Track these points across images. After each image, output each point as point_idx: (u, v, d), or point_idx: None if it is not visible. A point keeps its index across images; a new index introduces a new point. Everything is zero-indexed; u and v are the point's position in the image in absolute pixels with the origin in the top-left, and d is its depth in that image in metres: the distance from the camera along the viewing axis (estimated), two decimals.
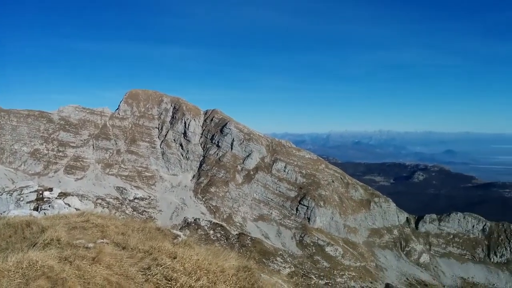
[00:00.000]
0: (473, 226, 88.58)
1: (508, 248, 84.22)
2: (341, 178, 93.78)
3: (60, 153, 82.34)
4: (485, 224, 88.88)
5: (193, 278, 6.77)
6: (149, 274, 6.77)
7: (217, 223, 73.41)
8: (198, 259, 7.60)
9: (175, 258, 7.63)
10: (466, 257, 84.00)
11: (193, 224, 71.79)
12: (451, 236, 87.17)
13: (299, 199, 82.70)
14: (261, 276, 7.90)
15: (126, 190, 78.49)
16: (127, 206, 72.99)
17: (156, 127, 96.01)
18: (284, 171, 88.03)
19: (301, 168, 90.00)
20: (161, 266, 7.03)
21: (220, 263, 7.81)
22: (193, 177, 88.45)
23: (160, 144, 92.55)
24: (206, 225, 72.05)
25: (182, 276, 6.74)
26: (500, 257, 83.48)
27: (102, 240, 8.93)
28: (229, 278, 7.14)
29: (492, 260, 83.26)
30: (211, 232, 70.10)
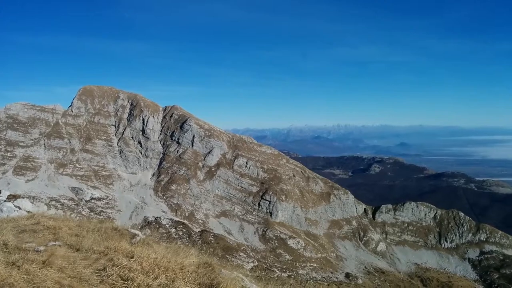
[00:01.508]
0: (425, 215, 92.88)
1: (457, 234, 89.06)
2: (302, 172, 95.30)
3: (8, 153, 78.06)
4: (436, 212, 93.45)
5: (151, 277, 6.63)
6: (104, 275, 6.56)
7: (179, 221, 72.54)
8: (157, 258, 7.46)
9: (132, 257, 7.45)
10: (419, 244, 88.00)
11: (154, 223, 70.55)
12: (406, 225, 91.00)
13: (261, 194, 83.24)
14: (221, 271, 7.85)
15: (82, 190, 75.78)
16: (84, 207, 70.55)
17: (112, 125, 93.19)
18: (246, 166, 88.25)
19: (263, 163, 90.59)
20: (117, 266, 6.83)
21: (180, 261, 7.71)
22: (153, 175, 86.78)
23: (117, 142, 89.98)
24: (168, 224, 71.03)
25: (139, 276, 6.58)
26: (450, 242, 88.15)
27: (54, 243, 8.56)
28: (188, 275, 7.05)
29: (443, 246, 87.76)
30: (173, 230, 69.19)
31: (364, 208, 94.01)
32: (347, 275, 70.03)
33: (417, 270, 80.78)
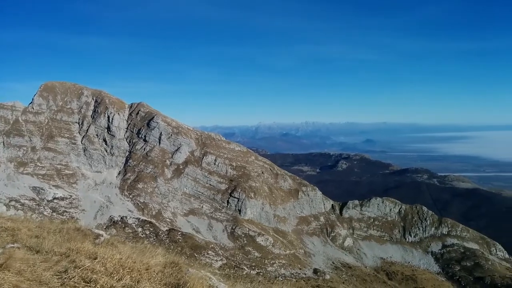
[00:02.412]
0: (390, 210, 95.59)
1: (421, 228, 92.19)
2: (271, 169, 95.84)
3: None
4: (400, 207, 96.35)
5: (115, 278, 6.46)
6: (65, 278, 6.33)
7: (145, 220, 71.30)
8: (121, 258, 7.28)
9: (95, 258, 7.24)
10: (385, 238, 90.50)
11: (120, 223, 69.03)
12: (372, 220, 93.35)
13: (229, 191, 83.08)
14: (188, 270, 7.76)
15: (43, 190, 73.07)
16: (46, 207, 68.06)
17: (76, 122, 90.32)
18: (215, 164, 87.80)
19: (231, 161, 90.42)
20: (80, 268, 6.61)
21: (146, 261, 7.57)
22: (119, 173, 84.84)
23: (81, 140, 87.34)
24: (134, 223, 69.67)
25: (102, 277, 6.39)
26: (414, 236, 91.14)
27: (12, 245, 8.20)
28: (154, 275, 6.92)
29: (407, 240, 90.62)
30: (140, 229, 67.94)
31: (332, 204, 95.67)
32: (315, 271, 71.09)
33: (383, 264, 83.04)
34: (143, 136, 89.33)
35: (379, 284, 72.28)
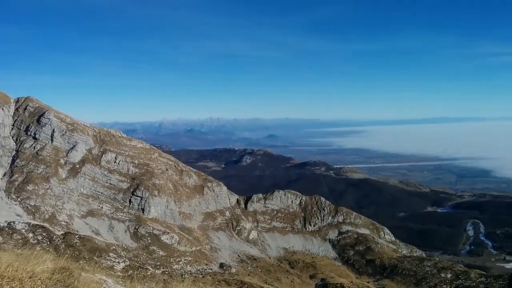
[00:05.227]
0: (292, 202, 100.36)
1: (319, 218, 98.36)
2: (175, 166, 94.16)
3: None
4: (301, 199, 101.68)
5: None
6: None
7: (37, 225, 65.06)
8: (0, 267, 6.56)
9: None
10: (287, 229, 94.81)
11: (7, 229, 62.00)
12: (275, 212, 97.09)
13: (132, 190, 79.71)
14: (81, 275, 7.28)
15: None
16: None
17: None
18: (115, 162, 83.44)
19: (133, 158, 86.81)
20: None
21: (30, 268, 6.92)
22: (4, 175, 76.04)
23: None
24: (24, 228, 63.11)
25: None
26: (313, 226, 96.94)
27: None
28: (39, 283, 6.36)
29: (307, 229, 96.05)
30: (30, 235, 61.79)
31: (237, 199, 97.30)
32: (221, 265, 71.80)
33: (286, 254, 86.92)
34: (32, 134, 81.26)
35: (282, 273, 75.58)
